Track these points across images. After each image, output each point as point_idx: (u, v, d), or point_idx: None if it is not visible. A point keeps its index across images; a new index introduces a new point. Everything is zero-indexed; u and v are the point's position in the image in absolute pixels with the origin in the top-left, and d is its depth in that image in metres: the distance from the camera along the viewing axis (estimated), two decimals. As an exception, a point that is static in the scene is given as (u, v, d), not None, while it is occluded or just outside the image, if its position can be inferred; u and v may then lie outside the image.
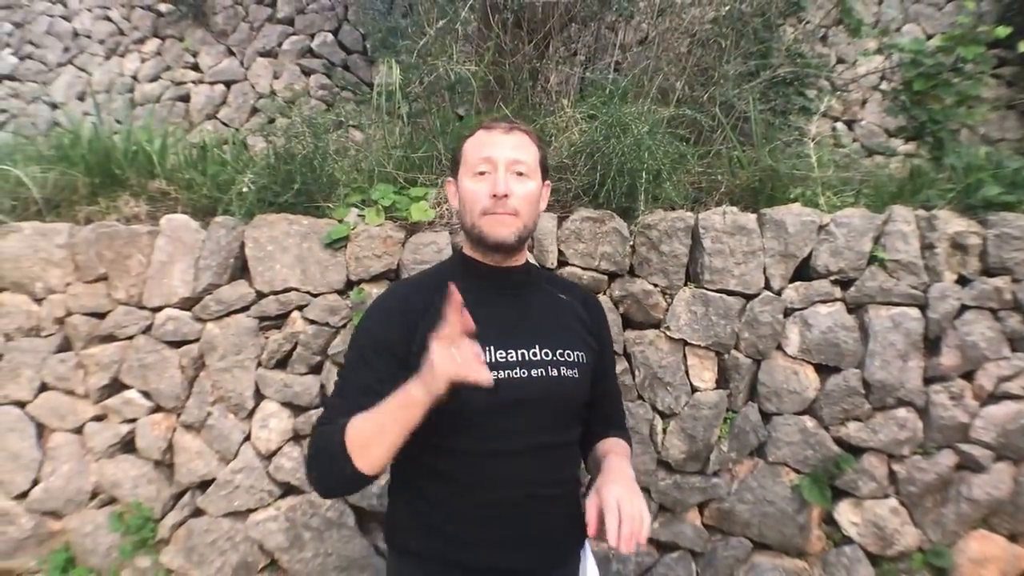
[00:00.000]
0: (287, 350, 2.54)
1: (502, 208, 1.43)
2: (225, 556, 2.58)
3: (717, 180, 2.75)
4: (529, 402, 1.42)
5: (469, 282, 1.46)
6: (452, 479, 1.42)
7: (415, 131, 3.06)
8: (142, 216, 2.80)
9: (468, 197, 1.48)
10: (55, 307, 2.67)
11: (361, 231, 2.49)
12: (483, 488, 1.41)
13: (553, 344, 1.48)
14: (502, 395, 1.36)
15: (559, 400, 1.47)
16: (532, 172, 1.50)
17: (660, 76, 3.12)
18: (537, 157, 1.53)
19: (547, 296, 1.60)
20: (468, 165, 1.50)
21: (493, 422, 1.40)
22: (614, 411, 1.74)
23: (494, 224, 1.45)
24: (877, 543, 2.49)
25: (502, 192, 1.42)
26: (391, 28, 3.57)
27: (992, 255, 2.49)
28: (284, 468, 2.55)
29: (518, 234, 1.46)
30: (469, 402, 1.33)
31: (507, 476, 1.41)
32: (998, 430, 2.48)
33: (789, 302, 2.48)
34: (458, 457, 1.41)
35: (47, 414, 2.68)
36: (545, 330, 1.51)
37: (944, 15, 5.66)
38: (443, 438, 1.39)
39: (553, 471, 1.48)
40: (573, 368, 1.48)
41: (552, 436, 1.46)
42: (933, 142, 3.20)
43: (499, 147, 1.47)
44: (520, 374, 1.42)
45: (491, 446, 1.40)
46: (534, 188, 1.50)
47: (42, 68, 6.27)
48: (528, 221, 1.49)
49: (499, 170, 1.45)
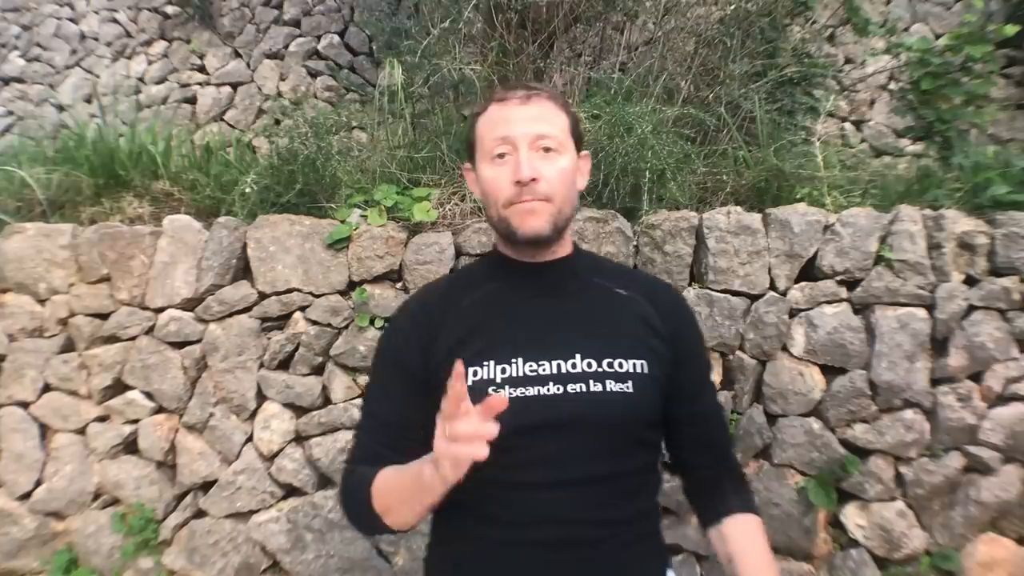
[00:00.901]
0: (289, 351, 2.54)
1: (530, 195, 1.18)
2: (227, 557, 2.58)
3: (722, 180, 2.73)
4: (565, 424, 1.15)
5: (501, 282, 1.30)
6: (478, 513, 1.19)
7: (419, 131, 3.05)
8: (146, 217, 2.82)
9: (488, 187, 1.24)
10: (58, 308, 2.67)
11: (363, 231, 2.48)
12: (511, 526, 1.16)
13: (599, 352, 1.20)
14: (529, 416, 1.14)
15: (605, 422, 1.17)
16: (562, 145, 1.24)
17: (665, 76, 3.10)
18: (566, 125, 1.27)
19: (598, 292, 1.31)
20: (484, 148, 1.25)
21: (518, 449, 1.14)
22: (717, 438, 1.37)
23: (523, 215, 1.20)
24: (884, 546, 2.46)
25: (527, 177, 1.17)
26: (395, 29, 3.57)
27: (1000, 255, 2.46)
28: (286, 469, 2.55)
29: (553, 223, 1.21)
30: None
31: (538, 513, 1.15)
32: (1006, 432, 2.45)
33: (794, 302, 2.46)
34: (482, 488, 1.14)
35: (50, 415, 2.68)
36: (589, 335, 1.23)
37: (952, 14, 5.62)
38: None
39: (603, 508, 1.17)
40: (625, 381, 1.18)
41: (601, 466, 1.17)
42: (941, 142, 3.17)
43: (517, 122, 1.22)
44: (553, 390, 1.16)
45: (516, 476, 1.15)
46: (567, 164, 1.23)
47: (49, 70, 6.30)
48: (564, 205, 1.23)
49: (520, 150, 1.20)
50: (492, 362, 1.18)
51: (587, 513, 1.15)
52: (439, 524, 1.30)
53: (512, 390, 1.15)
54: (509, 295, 1.28)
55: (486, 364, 1.18)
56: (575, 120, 1.30)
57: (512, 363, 1.18)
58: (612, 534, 1.18)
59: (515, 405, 1.10)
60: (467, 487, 1.13)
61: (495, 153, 1.22)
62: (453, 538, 1.25)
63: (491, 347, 1.20)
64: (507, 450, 1.11)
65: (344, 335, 2.50)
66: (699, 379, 1.35)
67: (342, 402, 2.52)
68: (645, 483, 1.26)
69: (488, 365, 1.18)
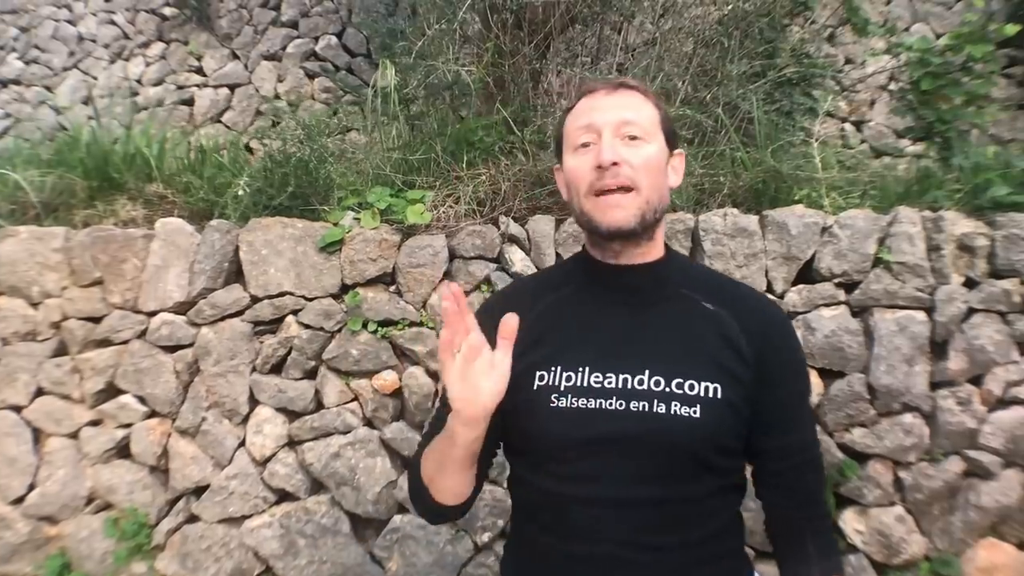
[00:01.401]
0: (281, 355, 2.52)
1: (612, 179, 1.11)
2: (220, 563, 2.56)
3: (720, 181, 2.70)
4: (622, 442, 1.10)
5: (581, 284, 1.25)
6: (539, 523, 1.17)
7: (414, 133, 3.03)
8: (139, 220, 2.80)
9: (571, 177, 1.18)
10: (51, 311, 2.66)
11: (356, 234, 2.46)
12: (567, 538, 1.12)
13: (670, 371, 1.12)
14: (587, 429, 1.10)
15: (664, 445, 1.10)
16: (650, 134, 1.17)
17: (662, 76, 3.08)
18: (655, 117, 1.20)
19: (681, 303, 1.21)
20: (569, 140, 1.21)
21: (575, 461, 1.11)
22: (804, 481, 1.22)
23: (604, 206, 1.13)
24: (883, 552, 2.43)
25: (608, 160, 1.10)
26: (391, 30, 3.56)
27: (1000, 257, 2.44)
28: (278, 474, 2.53)
29: (639, 215, 1.13)
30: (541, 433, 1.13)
31: (591, 528, 1.10)
32: (1007, 436, 2.43)
33: (792, 305, 2.43)
34: (542, 498, 1.15)
35: (43, 419, 2.67)
36: (663, 351, 1.15)
37: (953, 14, 5.60)
38: (526, 471, 1.18)
39: (652, 532, 1.10)
40: (693, 405, 1.10)
41: (654, 489, 1.10)
42: (941, 142, 3.14)
43: (602, 110, 1.17)
44: (616, 406, 1.10)
45: (571, 489, 1.12)
46: (654, 152, 1.16)
47: (47, 72, 6.30)
48: (652, 196, 1.14)
49: (604, 136, 1.14)
50: (559, 368, 1.15)
51: (636, 535, 1.09)
52: (514, 529, 1.32)
53: (575, 400, 1.12)
54: (587, 299, 1.23)
55: (553, 369, 1.15)
56: (667, 115, 1.24)
57: (579, 371, 1.13)
58: (662, 559, 1.11)
59: (575, 416, 1.12)
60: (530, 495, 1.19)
61: (579, 143, 1.18)
62: (521, 544, 1.26)
63: (560, 352, 1.17)
64: (563, 461, 1.13)
65: (337, 339, 2.48)
66: (786, 409, 1.21)
67: (335, 406, 2.51)
68: (708, 510, 1.15)
69: (554, 371, 1.15)
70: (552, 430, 1.12)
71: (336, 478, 2.49)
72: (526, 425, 1.15)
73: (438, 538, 2.47)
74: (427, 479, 1.17)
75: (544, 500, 1.15)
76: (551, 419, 1.11)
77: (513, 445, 1.21)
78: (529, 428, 1.14)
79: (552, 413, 1.12)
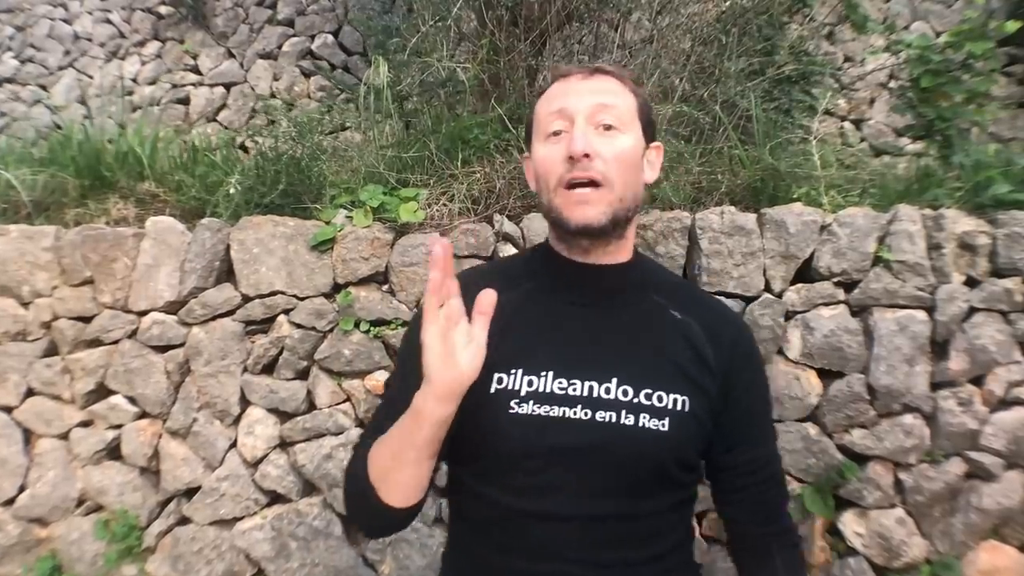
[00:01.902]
0: (273, 355, 2.49)
1: (583, 172, 1.04)
2: (211, 565, 2.53)
3: (717, 179, 2.68)
4: (587, 454, 1.04)
5: (544, 281, 1.17)
6: (485, 538, 1.10)
7: (408, 131, 3.01)
8: (131, 219, 2.77)
9: (541, 167, 1.11)
10: (41, 311, 2.63)
11: (348, 233, 2.43)
12: (519, 556, 1.05)
13: (639, 380, 1.07)
14: (549, 439, 1.03)
15: (631, 459, 1.05)
16: (626, 124, 1.10)
17: (659, 73, 3.05)
18: (632, 105, 1.13)
19: (650, 310, 1.16)
20: (540, 127, 1.13)
21: (533, 473, 1.05)
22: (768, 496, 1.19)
23: (574, 201, 1.06)
24: (883, 554, 2.40)
25: (580, 150, 1.03)
26: (386, 27, 3.53)
27: (1002, 255, 2.41)
28: (270, 476, 2.50)
29: (610, 212, 1.06)
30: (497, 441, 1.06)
31: (546, 546, 1.04)
32: (1008, 437, 2.39)
33: (790, 305, 2.40)
34: (492, 511, 1.08)
35: (33, 419, 2.64)
36: (631, 359, 1.10)
37: (953, 12, 5.59)
38: (477, 482, 1.10)
39: (614, 549, 1.05)
40: (661, 418, 1.05)
41: (619, 504, 1.05)
42: (941, 140, 3.11)
43: (576, 94, 1.09)
44: (581, 415, 1.04)
45: (526, 503, 1.05)
46: (629, 145, 1.09)
47: (43, 71, 6.30)
48: (625, 193, 1.08)
49: (577, 123, 1.06)
50: (520, 371, 1.07)
51: (599, 552, 1.04)
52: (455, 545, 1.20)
53: (536, 407, 1.04)
54: (550, 297, 1.16)
55: (513, 372, 1.07)
56: (645, 103, 1.16)
57: (542, 376, 1.06)
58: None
59: (536, 424, 1.04)
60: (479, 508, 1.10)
61: (550, 130, 1.10)
62: (466, 563, 1.15)
63: (520, 354, 1.09)
64: (521, 472, 1.05)
65: (329, 339, 2.45)
66: (751, 423, 1.19)
67: (327, 407, 2.48)
68: (668, 524, 1.13)
69: (515, 374, 1.07)
70: (511, 438, 1.04)
71: (328, 480, 2.46)
72: (480, 431, 1.05)
73: (432, 541, 2.44)
74: (375, 478, 1.03)
75: (497, 514, 1.07)
76: (510, 426, 1.04)
77: (461, 452, 1.09)
78: (484, 435, 1.05)
79: (511, 420, 1.04)
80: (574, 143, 1.04)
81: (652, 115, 1.18)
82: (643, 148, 1.14)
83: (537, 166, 1.12)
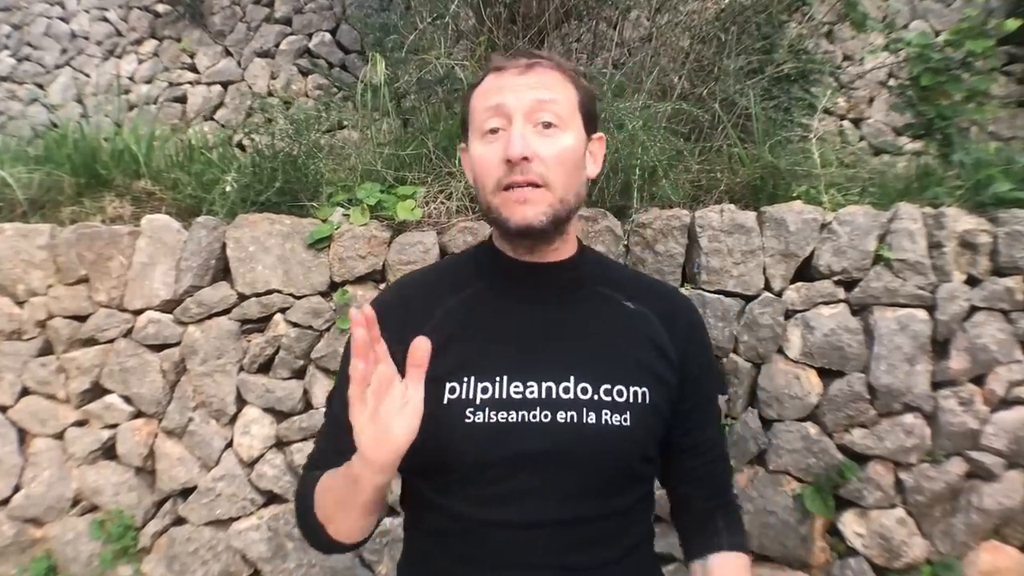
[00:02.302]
0: (269, 354, 2.47)
1: (521, 176, 1.01)
2: (207, 566, 2.51)
3: (717, 177, 2.66)
4: (550, 458, 1.01)
5: (490, 282, 1.14)
6: (449, 552, 1.05)
7: (405, 128, 2.99)
8: (127, 217, 2.75)
9: (478, 167, 1.06)
10: (36, 310, 2.61)
11: (345, 231, 2.41)
12: (484, 568, 1.02)
13: (596, 376, 1.04)
14: (510, 446, 1.00)
15: (597, 458, 1.02)
16: (566, 121, 1.06)
17: (657, 71, 3.04)
18: (573, 99, 1.08)
19: (602, 303, 1.14)
20: (475, 122, 1.08)
21: (496, 482, 1.01)
22: (717, 471, 1.22)
23: (513, 200, 1.02)
24: (883, 555, 2.39)
25: (518, 154, 0.99)
26: (383, 25, 3.52)
27: (1003, 254, 2.39)
28: (266, 476, 2.48)
29: (551, 214, 1.03)
30: (455, 453, 1.01)
31: (514, 556, 1.01)
32: (1010, 437, 2.38)
33: (790, 303, 2.39)
34: (448, 520, 1.04)
35: (28, 419, 2.63)
36: (586, 355, 1.07)
37: (952, 11, 5.58)
38: (436, 494, 1.06)
39: (586, 552, 1.03)
40: (623, 412, 1.03)
41: (588, 506, 1.03)
42: (941, 139, 3.11)
43: (513, 90, 1.04)
44: (541, 417, 1.01)
45: (490, 513, 1.01)
46: (570, 144, 1.05)
47: (40, 70, 6.28)
48: (566, 194, 1.05)
49: (515, 123, 1.02)
50: (472, 378, 1.03)
51: (567, 557, 1.02)
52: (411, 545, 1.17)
53: (493, 413, 1.01)
54: (498, 299, 1.12)
55: (465, 380, 1.03)
56: (587, 94, 1.12)
57: (496, 381, 1.02)
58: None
59: (494, 431, 1.01)
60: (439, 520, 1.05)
61: (487, 128, 1.05)
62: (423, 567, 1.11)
63: (472, 360, 1.05)
64: (483, 482, 1.01)
65: (326, 338, 2.44)
66: (705, 408, 1.20)
67: (323, 407, 2.46)
68: (635, 519, 1.12)
69: (467, 382, 1.03)
70: (468, 449, 1.00)
71: (325, 480, 2.44)
72: (437, 444, 0.99)
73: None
74: (322, 517, 1.01)
75: (458, 526, 1.03)
76: (467, 437, 1.00)
77: (418, 466, 1.02)
78: (440, 448, 1.00)
79: (468, 430, 1.00)
80: (512, 146, 1.00)
81: (594, 106, 1.15)
82: (585, 143, 1.11)
83: (475, 165, 1.08)
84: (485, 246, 1.21)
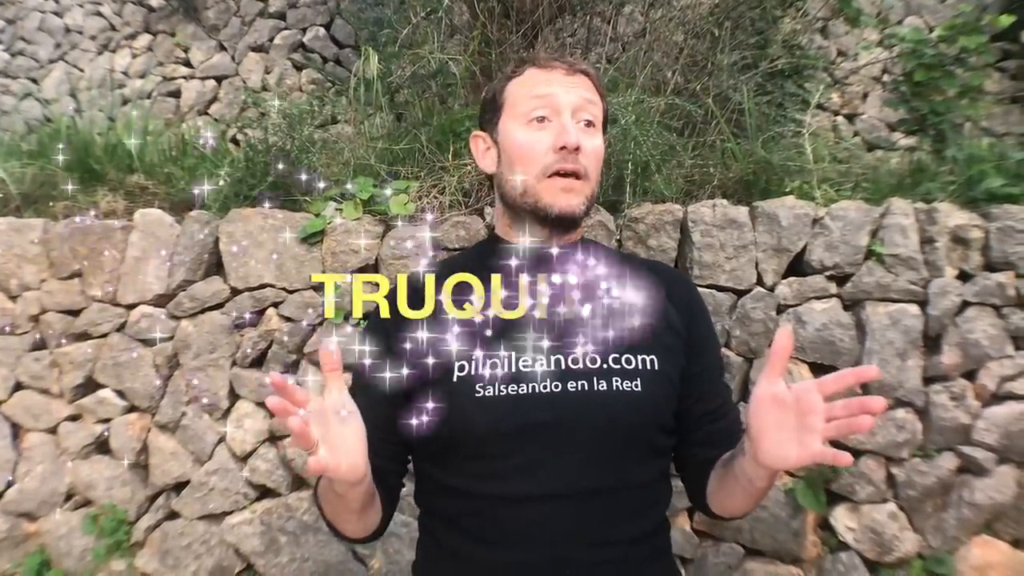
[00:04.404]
0: (262, 348, 2.47)
1: (572, 164, 1.07)
2: (200, 560, 2.51)
3: (710, 172, 2.66)
4: (564, 428, 1.01)
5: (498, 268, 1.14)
6: (463, 529, 1.06)
7: (398, 123, 2.99)
8: (120, 211, 2.74)
9: (520, 152, 1.10)
10: (30, 304, 2.61)
11: (338, 225, 2.41)
12: (498, 545, 1.02)
13: (605, 347, 1.07)
14: (521, 417, 1.01)
15: (611, 425, 1.03)
16: (599, 124, 1.16)
17: (651, 65, 3.04)
18: (602, 108, 1.19)
19: (608, 278, 1.16)
20: (517, 108, 1.13)
21: (509, 455, 1.02)
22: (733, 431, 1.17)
23: (559, 188, 1.08)
24: (875, 549, 2.40)
25: (574, 143, 1.06)
26: (377, 19, 3.51)
27: (995, 249, 2.40)
28: (259, 470, 2.48)
29: (586, 204, 1.12)
30: (466, 428, 1.02)
31: (529, 530, 1.01)
32: (1001, 432, 2.38)
33: (782, 298, 2.39)
34: (463, 501, 1.05)
35: (21, 414, 2.62)
36: (594, 327, 1.09)
37: (946, 7, 5.57)
38: (449, 475, 1.07)
39: (603, 526, 1.03)
40: (633, 379, 1.04)
41: (604, 476, 1.03)
42: (935, 135, 3.12)
43: (563, 86, 1.11)
44: (552, 388, 1.02)
45: (504, 488, 1.02)
46: (601, 144, 1.16)
47: (33, 64, 6.26)
48: (596, 187, 1.15)
49: (564, 114, 1.09)
50: (481, 355, 1.06)
51: (584, 532, 1.02)
52: (426, 537, 1.18)
53: (503, 387, 1.02)
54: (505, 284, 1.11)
55: (475, 358, 1.05)
56: (607, 109, 1.24)
57: (504, 357, 1.05)
58: (612, 557, 1.04)
59: (505, 404, 1.02)
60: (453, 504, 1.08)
61: (534, 115, 1.11)
62: (439, 555, 1.12)
63: (481, 338, 1.07)
64: (493, 457, 1.03)
65: (318, 332, 2.44)
66: (714, 374, 1.22)
67: (317, 401, 2.45)
68: (655, 495, 1.12)
69: (476, 359, 1.05)
70: (479, 421, 1.01)
71: (318, 474, 2.44)
72: (448, 422, 1.02)
73: (422, 535, 2.43)
74: (330, 517, 1.07)
75: (472, 505, 1.05)
76: (477, 410, 1.01)
77: (428, 448, 1.08)
78: (452, 425, 1.02)
79: (478, 403, 1.02)
80: (568, 135, 1.06)
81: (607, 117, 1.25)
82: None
83: (516, 149, 1.12)
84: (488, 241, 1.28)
